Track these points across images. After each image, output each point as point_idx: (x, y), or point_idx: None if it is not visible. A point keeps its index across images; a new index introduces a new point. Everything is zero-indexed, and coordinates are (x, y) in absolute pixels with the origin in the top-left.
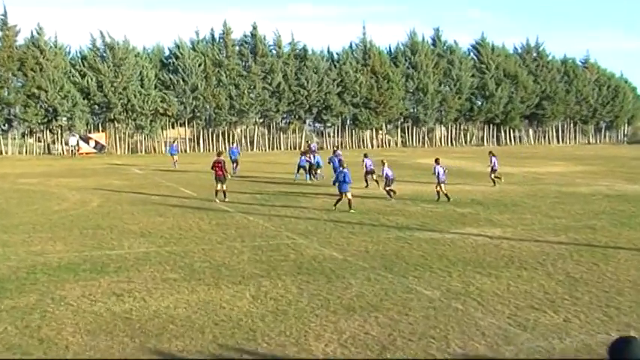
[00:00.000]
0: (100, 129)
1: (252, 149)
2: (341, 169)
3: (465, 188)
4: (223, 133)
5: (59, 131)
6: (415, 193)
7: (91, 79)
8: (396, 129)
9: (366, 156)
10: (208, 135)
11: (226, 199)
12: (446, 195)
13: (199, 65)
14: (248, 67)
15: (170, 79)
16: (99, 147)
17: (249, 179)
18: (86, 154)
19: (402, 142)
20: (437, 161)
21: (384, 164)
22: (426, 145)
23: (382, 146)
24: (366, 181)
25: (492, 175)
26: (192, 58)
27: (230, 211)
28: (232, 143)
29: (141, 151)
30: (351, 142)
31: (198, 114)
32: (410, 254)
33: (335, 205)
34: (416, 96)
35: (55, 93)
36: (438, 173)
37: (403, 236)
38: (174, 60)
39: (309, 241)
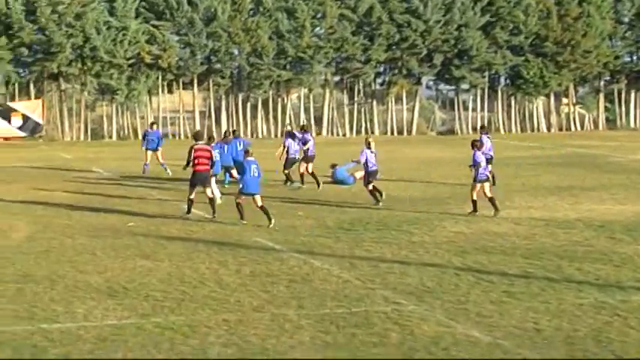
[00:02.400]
0: (33, 93)
1: (319, 132)
2: (247, 158)
3: None
4: (265, 102)
5: None
6: (635, 218)
7: (15, 1)
8: (594, 95)
9: (295, 135)
10: (237, 105)
11: (215, 216)
12: (492, 202)
13: None
14: None
15: (165, 0)
16: (30, 126)
17: (313, 191)
18: (5, 139)
19: (606, 120)
20: (475, 145)
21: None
22: None
23: (567, 128)
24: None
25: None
26: None
27: (277, 249)
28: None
29: (110, 135)
30: (507, 119)
31: (218, 66)
32: (624, 337)
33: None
34: (636, 30)
35: None
36: (477, 164)
37: (610, 302)
38: None
39: (425, 308)
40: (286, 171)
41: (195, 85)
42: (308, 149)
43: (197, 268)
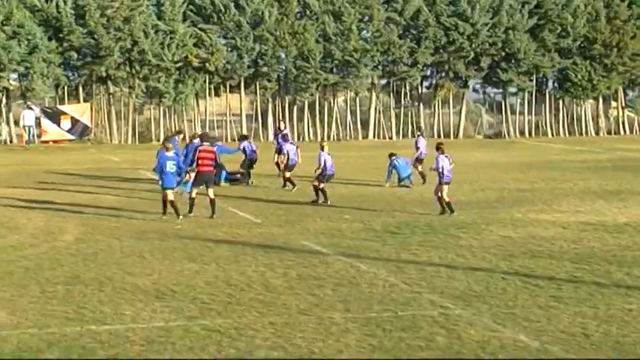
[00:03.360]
0: (82, 96)
1: (365, 136)
2: (166, 154)
3: None
4: (312, 106)
5: (2, 100)
6: None
7: (64, 3)
8: None
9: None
10: (283, 109)
11: (215, 215)
12: (448, 204)
13: None
14: None
15: (212, 4)
16: (79, 129)
17: (359, 195)
18: (54, 142)
19: None
20: (439, 149)
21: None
22: None
23: (616, 131)
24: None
25: (420, 167)
26: None
27: (324, 253)
28: None
29: (157, 138)
30: (555, 122)
31: (265, 70)
32: None
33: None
34: None
35: None
36: (442, 169)
37: None
38: None
39: (473, 313)
40: (288, 175)
41: (242, 88)
42: (288, 157)
43: (244, 271)
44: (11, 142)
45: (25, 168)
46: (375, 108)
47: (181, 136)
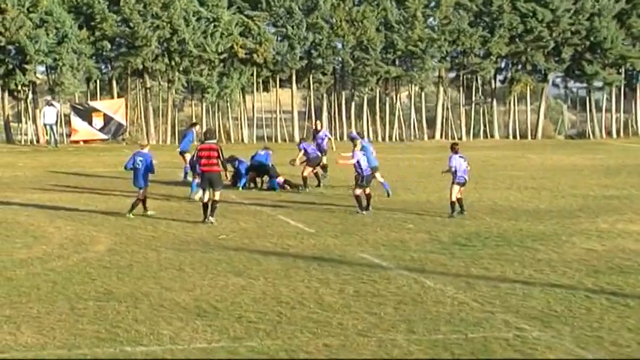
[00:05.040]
0: (116, 91)
1: (432, 136)
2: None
3: None
4: (372, 102)
5: (29, 95)
6: None
7: None
8: None
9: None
10: (339, 105)
11: (213, 219)
12: (460, 203)
13: None
14: None
15: None
16: (112, 128)
17: (425, 202)
18: (85, 142)
19: None
20: (453, 148)
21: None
22: None
23: None
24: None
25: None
26: None
27: (384, 267)
28: None
29: (199, 139)
30: None
31: (320, 62)
32: None
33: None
34: None
35: (21, 15)
36: (455, 169)
37: None
38: None
39: (552, 335)
40: (307, 173)
41: (294, 82)
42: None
43: (295, 286)
44: (38, 141)
45: (52, 170)
46: (443, 104)
47: (197, 127)
